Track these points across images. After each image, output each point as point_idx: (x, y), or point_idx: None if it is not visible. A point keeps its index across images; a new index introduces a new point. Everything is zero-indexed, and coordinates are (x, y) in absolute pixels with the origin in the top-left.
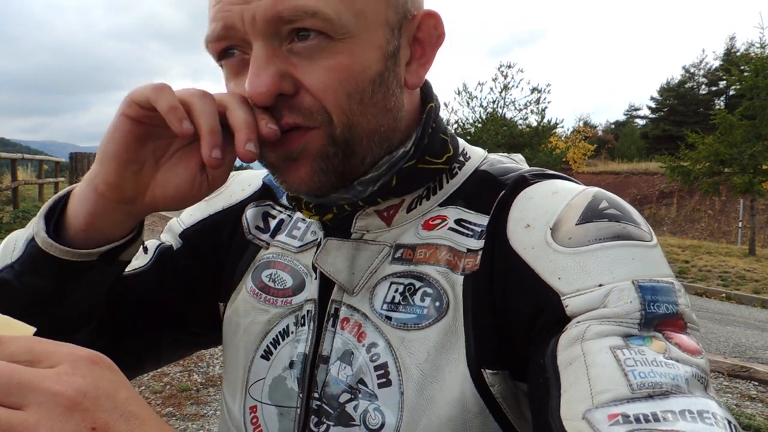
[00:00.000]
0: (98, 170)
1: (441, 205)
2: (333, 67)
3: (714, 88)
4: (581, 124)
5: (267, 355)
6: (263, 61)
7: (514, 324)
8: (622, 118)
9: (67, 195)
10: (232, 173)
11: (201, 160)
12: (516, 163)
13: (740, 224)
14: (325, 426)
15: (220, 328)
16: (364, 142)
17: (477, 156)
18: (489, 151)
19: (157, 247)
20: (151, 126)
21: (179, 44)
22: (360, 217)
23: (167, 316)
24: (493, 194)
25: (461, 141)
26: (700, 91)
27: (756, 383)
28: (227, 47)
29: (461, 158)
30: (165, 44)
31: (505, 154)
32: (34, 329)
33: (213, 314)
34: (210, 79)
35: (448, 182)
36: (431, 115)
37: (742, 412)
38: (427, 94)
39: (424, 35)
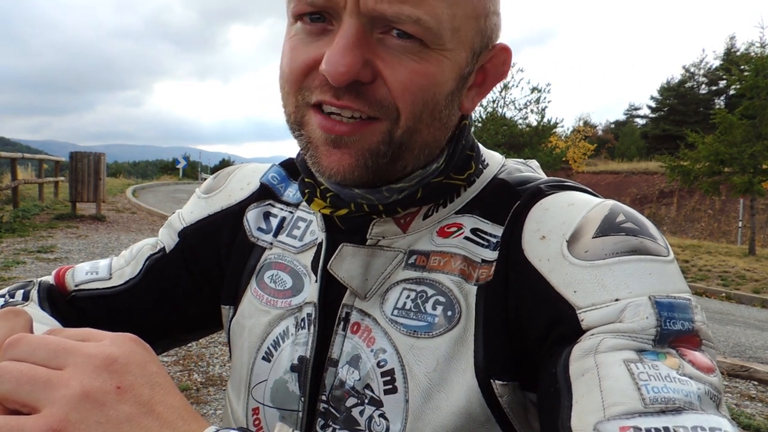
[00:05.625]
0: None
1: (457, 213)
2: (419, 72)
3: (714, 88)
4: (581, 123)
5: (268, 357)
6: (353, 42)
7: (527, 335)
8: (622, 117)
9: None
10: (234, 167)
11: None
12: (533, 170)
13: (740, 224)
14: (331, 429)
15: (213, 328)
16: (416, 152)
17: (495, 163)
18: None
19: (147, 258)
20: None
21: (187, 42)
22: (377, 224)
23: (154, 332)
24: (509, 205)
25: (481, 147)
26: (700, 91)
27: (756, 383)
28: (315, 12)
29: (480, 167)
30: (172, 42)
31: (521, 160)
32: None
33: (207, 319)
34: (216, 78)
35: (465, 190)
36: (464, 132)
37: (742, 411)
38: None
39: (492, 67)
